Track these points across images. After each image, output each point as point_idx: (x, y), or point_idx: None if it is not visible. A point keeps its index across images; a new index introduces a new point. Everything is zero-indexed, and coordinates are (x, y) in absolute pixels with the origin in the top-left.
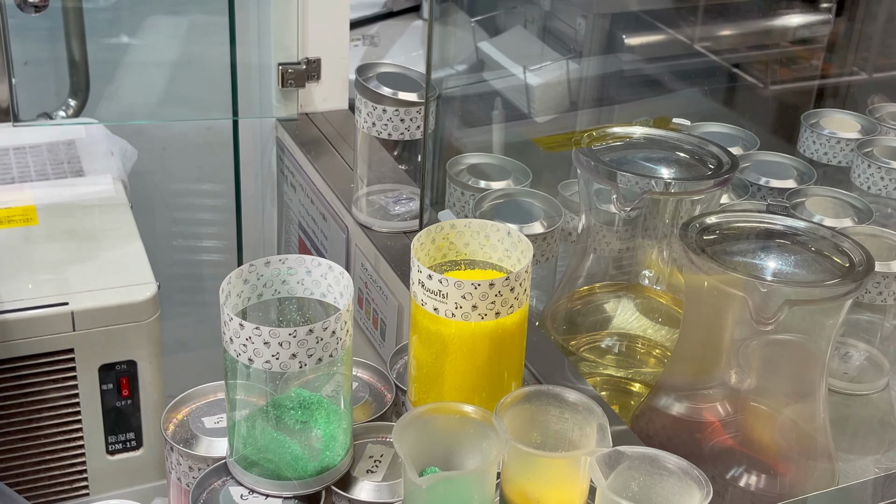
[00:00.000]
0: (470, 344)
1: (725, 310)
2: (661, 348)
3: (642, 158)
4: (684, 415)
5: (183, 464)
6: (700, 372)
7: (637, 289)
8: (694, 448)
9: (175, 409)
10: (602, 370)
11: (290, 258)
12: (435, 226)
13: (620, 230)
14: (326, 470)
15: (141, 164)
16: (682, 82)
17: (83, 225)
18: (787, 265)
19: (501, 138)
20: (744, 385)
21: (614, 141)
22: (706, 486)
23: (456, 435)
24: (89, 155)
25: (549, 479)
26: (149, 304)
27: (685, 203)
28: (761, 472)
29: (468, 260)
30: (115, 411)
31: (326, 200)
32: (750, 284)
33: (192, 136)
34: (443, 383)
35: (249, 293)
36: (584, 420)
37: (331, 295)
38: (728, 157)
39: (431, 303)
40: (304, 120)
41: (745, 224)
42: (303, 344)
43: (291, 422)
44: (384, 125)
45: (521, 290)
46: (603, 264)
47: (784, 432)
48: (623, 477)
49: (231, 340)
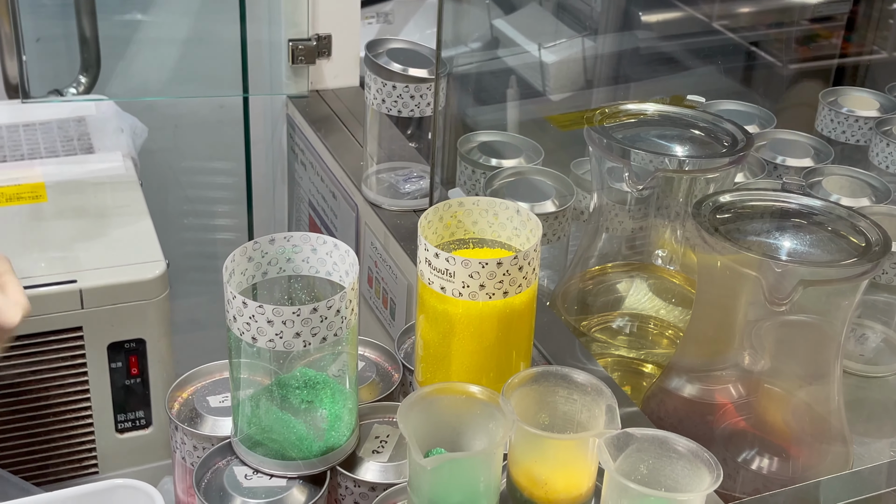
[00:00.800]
0: (477, 324)
1: (739, 290)
2: (674, 329)
3: (655, 136)
4: (696, 397)
5: (187, 443)
6: (713, 353)
7: (650, 269)
8: (706, 430)
9: (180, 388)
10: (614, 351)
11: (294, 235)
12: (443, 203)
13: (633, 209)
14: (331, 450)
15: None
16: (699, 60)
17: (92, 202)
18: (803, 245)
19: (514, 116)
20: (757, 367)
21: (627, 118)
22: (716, 468)
23: (462, 416)
24: (99, 132)
25: (557, 461)
26: (158, 282)
27: (699, 182)
28: (774, 455)
29: (476, 238)
30: (125, 390)
31: (336, 178)
32: (764, 264)
33: (204, 114)
34: (450, 363)
35: (254, 271)
36: (592, 401)
37: (336, 273)
38: (743, 135)
39: (438, 282)
40: (314, 97)
41: (759, 203)
42: (307, 323)
43: (296, 401)
44: (394, 102)
45: (530, 270)
46: (615, 244)
47: (798, 415)
48: (632, 459)
49: (234, 319)
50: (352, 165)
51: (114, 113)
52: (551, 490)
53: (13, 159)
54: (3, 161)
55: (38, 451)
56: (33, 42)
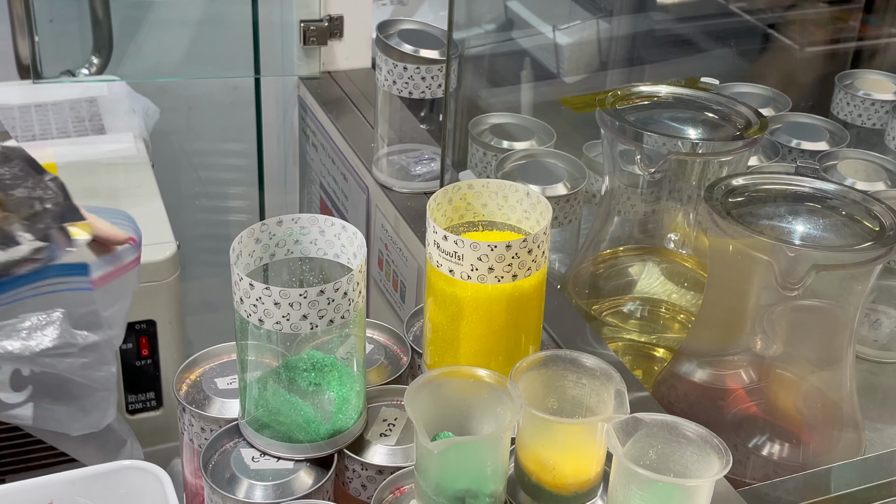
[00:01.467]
0: (486, 307)
1: (751, 274)
2: (686, 313)
3: (668, 118)
4: (707, 381)
5: (195, 425)
6: (724, 338)
7: (662, 252)
8: (716, 415)
9: (188, 370)
10: (625, 335)
11: (302, 217)
12: (452, 185)
13: (645, 192)
14: (339, 433)
15: (166, 124)
16: (715, 43)
17: (103, 183)
18: (816, 229)
19: (528, 98)
20: (769, 352)
21: (640, 100)
22: (725, 454)
23: (470, 400)
24: (111, 113)
25: (565, 445)
26: (168, 263)
27: (712, 165)
28: (785, 441)
29: (486, 221)
30: (135, 371)
31: (347, 160)
32: (777, 248)
33: (217, 96)
34: (458, 347)
35: (261, 253)
36: (601, 386)
37: (344, 255)
38: (757, 118)
39: (447, 264)
40: (326, 79)
41: (772, 186)
42: (314, 305)
43: (304, 384)
44: (405, 83)
45: (540, 253)
46: (627, 227)
47: (809, 400)
48: (641, 444)
49: (241, 301)
50: (363, 147)
51: (126, 94)
52: (559, 475)
53: (25, 139)
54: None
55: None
56: (46, 22)
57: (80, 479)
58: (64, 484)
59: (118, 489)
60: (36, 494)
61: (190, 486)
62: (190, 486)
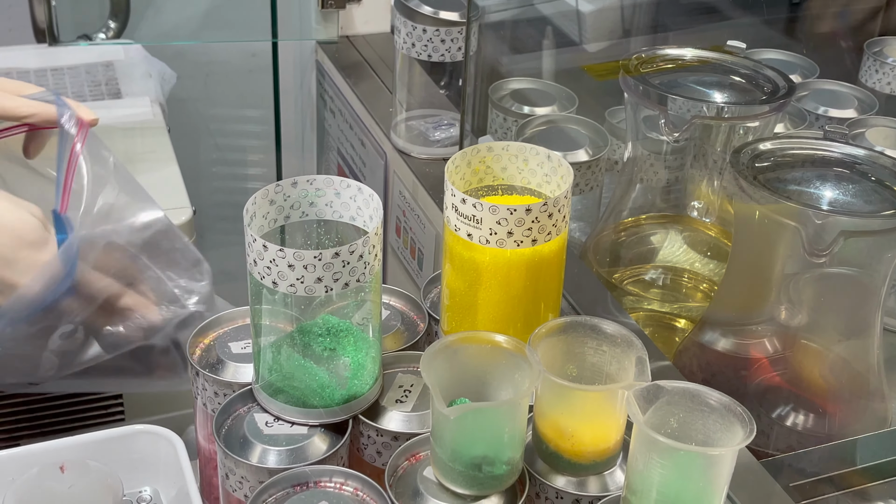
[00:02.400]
0: (505, 272)
1: (777, 241)
2: (709, 283)
3: (693, 82)
4: (730, 351)
5: (208, 389)
6: (748, 306)
7: (685, 221)
8: (739, 385)
9: (201, 334)
10: (646, 304)
11: (318, 179)
12: (471, 148)
13: (669, 159)
14: (354, 399)
15: (183, 90)
16: (741, 9)
17: (119, 148)
18: (844, 195)
19: (549, 65)
20: (794, 321)
21: (664, 64)
22: (749, 423)
23: (487, 366)
24: (127, 77)
25: (584, 413)
26: (184, 228)
27: (738, 130)
28: (809, 412)
29: (505, 185)
30: None
31: (365, 126)
32: (804, 214)
33: (235, 63)
34: (476, 313)
35: (276, 214)
36: (622, 353)
37: (360, 218)
38: (785, 82)
39: (465, 228)
40: (344, 43)
41: (800, 151)
42: (328, 268)
43: (319, 349)
44: (424, 46)
45: (560, 217)
46: (650, 195)
47: (835, 370)
48: (662, 412)
49: (255, 263)
50: (381, 113)
51: (142, 58)
52: (578, 442)
53: None
54: None
55: (64, 396)
56: None
57: (93, 443)
58: (76, 447)
59: (131, 453)
60: (47, 457)
61: (203, 450)
62: (203, 450)
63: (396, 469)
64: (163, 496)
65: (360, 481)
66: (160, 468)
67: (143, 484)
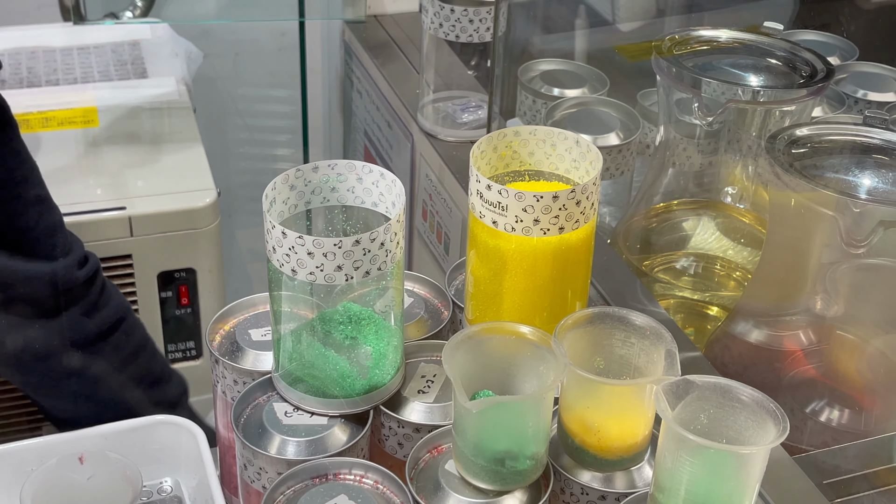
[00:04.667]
0: (531, 261)
1: (813, 230)
2: (742, 271)
3: (728, 65)
4: (763, 342)
5: (228, 377)
6: (782, 297)
7: (718, 207)
8: (772, 378)
9: (222, 320)
10: (677, 293)
11: (339, 164)
12: (497, 132)
13: (702, 143)
14: (375, 389)
15: (212, 70)
16: None
17: (144, 128)
18: (884, 183)
19: (580, 45)
20: (830, 312)
21: (699, 45)
22: (782, 421)
23: (512, 357)
24: (154, 56)
25: (611, 407)
26: (209, 210)
27: (774, 114)
28: (845, 407)
29: (533, 170)
30: (175, 320)
31: (392, 107)
32: (841, 203)
33: (264, 42)
34: (501, 302)
35: (296, 200)
36: (651, 345)
37: (382, 204)
38: (823, 65)
39: (490, 215)
40: (371, 22)
41: (838, 137)
42: (349, 255)
43: (340, 337)
44: (451, 26)
45: (589, 204)
46: (682, 180)
47: (872, 364)
48: (692, 408)
49: (274, 249)
50: (408, 94)
51: (169, 37)
52: (604, 438)
53: (66, 82)
54: (56, 84)
55: None
56: None
57: (113, 434)
58: (95, 438)
59: (151, 444)
60: (67, 448)
61: (223, 439)
62: (223, 439)
63: (418, 462)
64: (183, 487)
65: (381, 474)
66: (181, 459)
67: (164, 475)
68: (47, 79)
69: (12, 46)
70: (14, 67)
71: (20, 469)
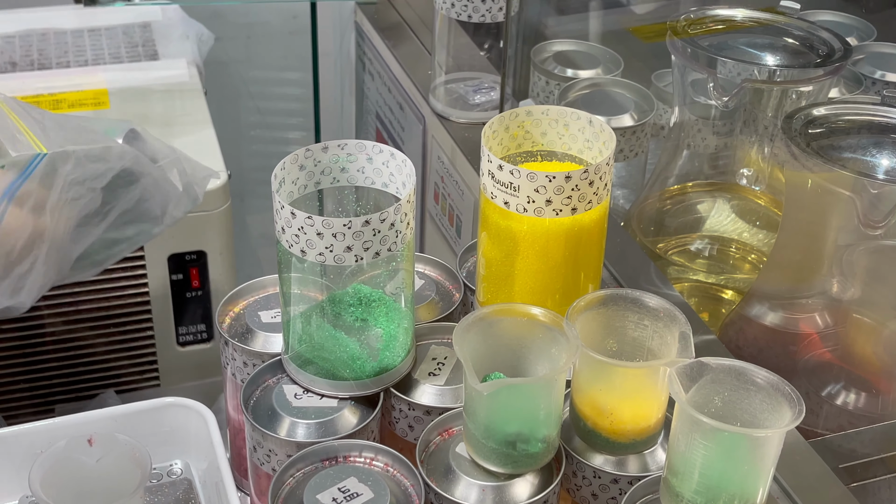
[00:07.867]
0: (543, 242)
1: (830, 211)
2: (758, 253)
3: (744, 44)
4: (779, 325)
5: (237, 359)
6: (798, 279)
7: (733, 189)
8: (787, 361)
9: (231, 302)
10: (691, 275)
11: (349, 143)
12: (509, 112)
13: (717, 124)
14: (385, 371)
15: (224, 53)
16: None
17: (155, 110)
18: None
19: (594, 27)
20: (846, 295)
21: (714, 25)
22: (798, 403)
23: (523, 339)
24: (164, 38)
25: (624, 390)
26: (219, 192)
27: (790, 94)
28: (861, 390)
29: (545, 151)
30: (186, 302)
31: (404, 89)
32: (859, 183)
33: (276, 24)
34: (513, 284)
35: (306, 180)
36: (664, 328)
37: (392, 185)
38: (840, 44)
39: (502, 196)
40: (383, 3)
41: (856, 117)
42: (358, 236)
43: (350, 319)
44: (464, 6)
45: (602, 185)
46: (697, 161)
47: (889, 347)
48: (705, 391)
49: (283, 230)
50: (420, 76)
51: (180, 19)
52: (617, 420)
53: (77, 65)
54: (67, 66)
55: (100, 361)
56: None
57: (122, 416)
58: (105, 420)
59: (161, 426)
60: (75, 430)
61: (233, 421)
62: (233, 421)
63: (428, 444)
64: (193, 469)
65: (391, 457)
66: (191, 441)
67: (174, 457)
68: (58, 61)
69: (23, 28)
70: (25, 50)
71: (29, 451)
